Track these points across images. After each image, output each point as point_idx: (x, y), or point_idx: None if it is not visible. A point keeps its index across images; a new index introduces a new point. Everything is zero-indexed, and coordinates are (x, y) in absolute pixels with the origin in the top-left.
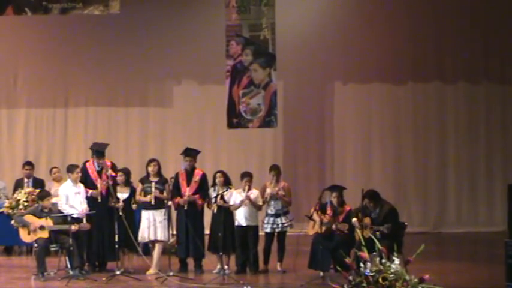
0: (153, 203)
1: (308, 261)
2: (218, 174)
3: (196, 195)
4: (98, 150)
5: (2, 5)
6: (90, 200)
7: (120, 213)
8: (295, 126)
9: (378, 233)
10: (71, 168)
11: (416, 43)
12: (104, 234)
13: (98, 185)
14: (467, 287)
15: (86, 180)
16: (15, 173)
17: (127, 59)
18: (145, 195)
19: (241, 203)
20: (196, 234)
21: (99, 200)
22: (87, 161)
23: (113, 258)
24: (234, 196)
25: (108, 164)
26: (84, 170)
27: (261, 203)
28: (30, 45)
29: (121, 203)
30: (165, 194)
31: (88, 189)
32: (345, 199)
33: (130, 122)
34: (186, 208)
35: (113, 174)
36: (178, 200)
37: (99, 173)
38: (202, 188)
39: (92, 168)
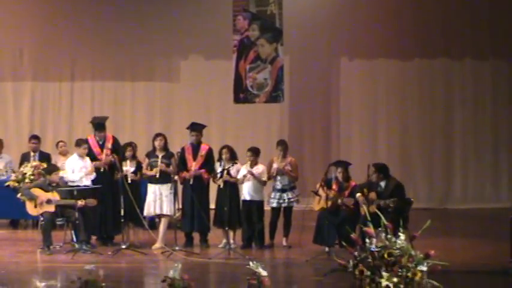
0: (157, 176)
1: (313, 236)
2: (224, 150)
3: (202, 170)
4: (99, 123)
5: None
6: (97, 174)
7: (129, 181)
8: (301, 101)
9: (390, 205)
10: (79, 143)
11: (423, 20)
12: (108, 208)
13: (102, 157)
14: (473, 263)
15: (89, 155)
16: (21, 147)
17: (134, 33)
18: (151, 170)
19: (244, 178)
20: (201, 209)
21: (102, 170)
22: (89, 135)
23: (117, 232)
24: (242, 171)
25: (110, 137)
26: (87, 144)
27: (265, 179)
28: (36, 19)
29: (129, 170)
30: (171, 168)
31: (92, 162)
32: (351, 174)
33: (136, 97)
34: (191, 182)
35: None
36: (184, 174)
37: (102, 146)
38: (208, 162)
39: (94, 142)
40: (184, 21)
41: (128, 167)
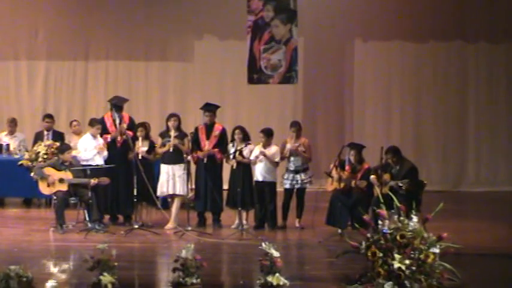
0: (171, 150)
1: (326, 217)
2: (237, 131)
3: (216, 149)
4: (117, 105)
5: None
6: (109, 154)
7: (140, 157)
8: (315, 83)
9: (402, 186)
10: (92, 122)
11: (438, 2)
12: (121, 187)
13: (117, 129)
14: (486, 246)
15: (104, 133)
16: (35, 126)
17: (148, 13)
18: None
19: (256, 159)
20: (215, 189)
21: (116, 147)
22: (106, 114)
23: (130, 211)
24: (255, 152)
25: (126, 117)
26: (102, 122)
27: (277, 159)
28: None
29: (141, 149)
30: (184, 146)
31: (106, 136)
32: (364, 156)
33: (150, 76)
34: (205, 161)
35: (130, 133)
36: (197, 153)
37: (117, 125)
38: (222, 142)
39: (110, 121)
40: (199, 1)
41: (140, 145)
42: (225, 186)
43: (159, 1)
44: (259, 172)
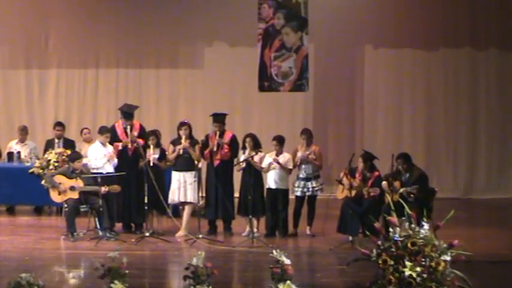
0: (181, 152)
1: (337, 225)
2: (248, 139)
3: (225, 145)
4: (127, 112)
5: None
6: (120, 162)
7: (151, 164)
8: (326, 90)
9: (411, 195)
10: (102, 130)
11: (448, 9)
12: (132, 195)
13: (128, 137)
14: (497, 253)
15: (115, 141)
16: (46, 134)
17: (158, 20)
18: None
19: (269, 166)
20: (226, 197)
21: (127, 156)
22: (117, 122)
23: (141, 219)
24: (267, 159)
25: (137, 125)
26: (113, 131)
27: (290, 167)
28: (61, 6)
29: (152, 157)
30: (196, 152)
31: (117, 144)
32: (375, 163)
33: (160, 84)
34: (215, 149)
35: (140, 141)
36: (208, 149)
37: (128, 133)
38: (233, 149)
39: (121, 129)
40: (209, 8)
41: (151, 153)
42: (236, 194)
43: (169, 8)
44: (272, 179)
